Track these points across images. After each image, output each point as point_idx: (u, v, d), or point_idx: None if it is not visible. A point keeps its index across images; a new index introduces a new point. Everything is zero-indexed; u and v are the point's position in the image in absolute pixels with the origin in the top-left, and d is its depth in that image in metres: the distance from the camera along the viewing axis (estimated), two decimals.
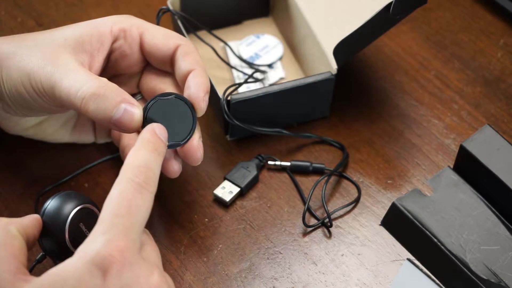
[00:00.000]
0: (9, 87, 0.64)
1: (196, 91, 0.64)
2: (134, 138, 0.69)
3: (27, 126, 0.70)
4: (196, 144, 0.64)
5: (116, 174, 0.56)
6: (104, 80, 0.62)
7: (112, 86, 0.61)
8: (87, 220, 0.62)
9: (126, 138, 0.69)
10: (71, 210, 0.61)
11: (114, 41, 0.66)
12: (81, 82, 0.61)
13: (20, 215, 0.69)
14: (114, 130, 0.62)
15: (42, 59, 0.62)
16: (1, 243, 0.56)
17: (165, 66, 0.67)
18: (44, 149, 0.73)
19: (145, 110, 0.62)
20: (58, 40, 0.64)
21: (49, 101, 0.63)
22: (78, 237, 0.60)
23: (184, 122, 0.63)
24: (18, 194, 0.71)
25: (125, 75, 0.69)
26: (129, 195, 0.56)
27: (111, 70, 0.68)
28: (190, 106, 0.64)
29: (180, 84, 0.66)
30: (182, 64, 0.65)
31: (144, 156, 0.58)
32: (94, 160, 0.73)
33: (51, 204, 0.61)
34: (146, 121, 0.62)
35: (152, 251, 0.57)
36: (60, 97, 0.62)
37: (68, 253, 0.58)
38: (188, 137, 0.64)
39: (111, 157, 0.73)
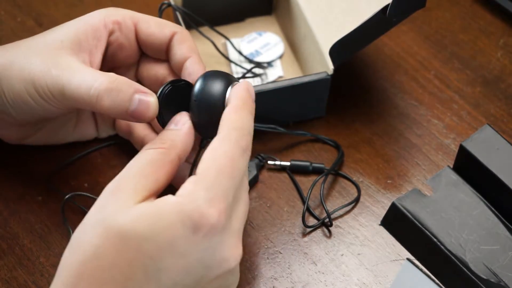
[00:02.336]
0: (12, 98, 0.63)
1: (197, 78, 0.64)
2: (147, 128, 0.70)
3: (28, 134, 0.70)
4: None
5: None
6: (113, 74, 0.62)
7: (123, 79, 0.62)
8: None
9: (140, 129, 0.69)
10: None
11: (110, 34, 0.66)
12: (91, 80, 0.61)
13: (20, 215, 0.69)
14: (131, 121, 0.62)
15: (43, 64, 0.62)
16: (158, 164, 0.57)
17: (161, 54, 0.67)
18: (44, 148, 0.73)
19: (159, 97, 0.62)
20: (54, 44, 0.63)
21: (58, 104, 0.63)
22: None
23: None
24: (18, 194, 0.71)
25: (123, 67, 0.69)
26: (234, 156, 0.57)
27: (109, 63, 0.68)
28: None
29: (176, 71, 0.66)
30: (178, 51, 0.65)
31: (247, 119, 0.60)
32: (95, 158, 0.73)
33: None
34: (161, 107, 0.62)
35: (241, 212, 0.59)
36: (71, 98, 0.62)
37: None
38: None
39: (109, 144, 0.74)
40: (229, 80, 0.62)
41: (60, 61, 0.62)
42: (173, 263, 0.54)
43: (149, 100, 0.61)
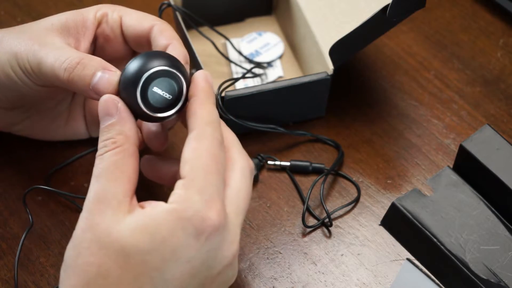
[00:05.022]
0: None
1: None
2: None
3: (16, 120, 0.70)
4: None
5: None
6: (89, 54, 0.63)
7: (95, 57, 0.62)
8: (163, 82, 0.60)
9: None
10: (146, 70, 0.59)
11: (98, 26, 0.67)
12: (66, 56, 0.62)
13: (19, 216, 0.69)
14: (94, 98, 0.62)
15: (29, 40, 0.64)
16: (122, 163, 0.56)
17: (143, 48, 0.68)
18: (44, 149, 0.73)
19: (122, 74, 0.61)
20: (45, 25, 0.65)
21: (36, 79, 0.64)
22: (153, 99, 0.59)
23: None
24: (18, 194, 0.71)
25: (114, 61, 0.69)
26: (215, 152, 0.57)
27: (99, 57, 0.68)
28: None
29: None
30: (160, 40, 0.65)
31: (214, 110, 0.59)
32: (94, 158, 0.73)
33: (130, 64, 0.60)
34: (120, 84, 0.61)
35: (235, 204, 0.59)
36: (46, 72, 0.63)
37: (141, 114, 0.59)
38: None
39: None
40: (162, 62, 0.60)
41: (46, 39, 0.64)
42: (178, 270, 0.54)
43: (109, 77, 0.61)
